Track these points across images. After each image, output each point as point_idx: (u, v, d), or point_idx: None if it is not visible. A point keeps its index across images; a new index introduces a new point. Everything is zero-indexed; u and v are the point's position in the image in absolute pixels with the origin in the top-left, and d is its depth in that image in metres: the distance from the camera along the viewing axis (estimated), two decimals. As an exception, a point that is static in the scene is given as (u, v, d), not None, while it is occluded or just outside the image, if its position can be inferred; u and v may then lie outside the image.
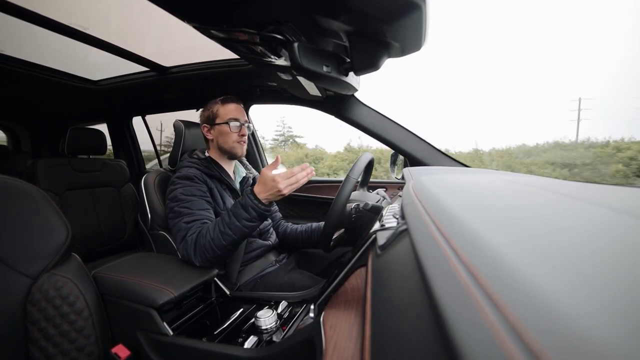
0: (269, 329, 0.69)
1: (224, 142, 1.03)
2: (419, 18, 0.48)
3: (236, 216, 0.81)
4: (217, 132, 1.03)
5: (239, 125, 1.02)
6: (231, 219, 0.81)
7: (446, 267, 0.17)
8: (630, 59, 16.42)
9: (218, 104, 1.03)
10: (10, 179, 0.61)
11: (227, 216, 0.82)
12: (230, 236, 0.80)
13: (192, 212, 0.89)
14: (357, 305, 0.40)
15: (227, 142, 1.02)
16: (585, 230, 0.20)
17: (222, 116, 1.02)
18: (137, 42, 1.18)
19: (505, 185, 0.42)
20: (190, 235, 0.85)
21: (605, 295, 0.12)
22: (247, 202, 0.80)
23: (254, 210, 0.80)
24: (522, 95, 11.22)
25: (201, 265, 0.83)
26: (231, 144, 1.02)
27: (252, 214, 0.80)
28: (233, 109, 1.03)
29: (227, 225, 0.80)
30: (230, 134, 1.01)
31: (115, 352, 0.66)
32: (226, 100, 1.04)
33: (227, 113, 1.02)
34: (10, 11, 0.91)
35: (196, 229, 0.86)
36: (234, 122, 1.01)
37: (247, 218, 0.80)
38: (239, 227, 0.80)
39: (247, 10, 0.55)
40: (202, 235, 0.83)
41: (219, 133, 1.02)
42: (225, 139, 1.02)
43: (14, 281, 0.55)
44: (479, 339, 0.12)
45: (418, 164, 1.16)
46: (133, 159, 2.14)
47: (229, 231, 0.80)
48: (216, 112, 1.02)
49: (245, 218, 0.80)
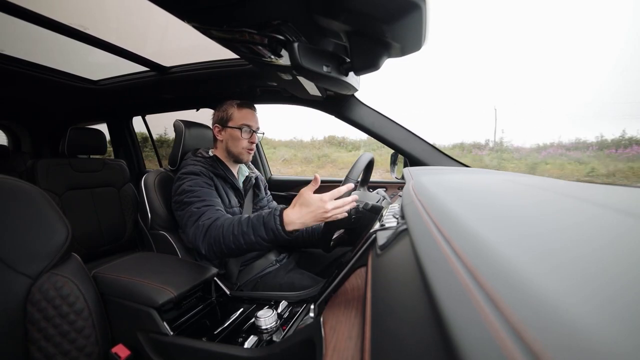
0: (269, 329, 0.69)
1: (233, 146, 1.03)
2: (419, 18, 0.48)
3: (254, 229, 0.76)
4: (228, 134, 1.03)
5: (251, 132, 1.02)
6: (248, 229, 0.77)
7: (446, 267, 0.17)
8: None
9: (234, 107, 1.03)
10: (11, 179, 0.61)
11: (245, 224, 0.78)
12: (240, 243, 0.77)
13: (203, 199, 0.89)
14: (357, 305, 0.40)
15: (236, 146, 1.02)
16: (585, 230, 0.20)
17: (236, 120, 1.01)
18: (137, 42, 1.18)
19: (505, 185, 0.42)
20: (203, 220, 0.83)
21: (605, 295, 0.12)
22: (271, 223, 0.74)
23: (273, 233, 0.74)
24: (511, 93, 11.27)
25: (205, 254, 0.82)
26: (240, 149, 1.03)
27: (270, 236, 0.75)
28: (248, 115, 1.03)
29: (242, 233, 0.77)
30: (241, 140, 1.02)
31: (115, 351, 0.66)
32: (242, 105, 1.04)
33: (241, 118, 1.02)
34: (10, 11, 0.91)
35: (211, 214, 0.84)
36: (246, 128, 1.01)
37: (264, 237, 0.76)
38: (251, 240, 0.76)
39: (247, 10, 0.55)
40: (215, 226, 0.81)
41: (230, 136, 1.02)
42: (235, 143, 1.02)
43: (13, 281, 0.55)
44: (479, 339, 0.12)
45: (418, 164, 1.16)
46: (133, 159, 2.14)
47: (241, 239, 0.77)
48: (231, 115, 1.02)
49: (261, 236, 0.76)
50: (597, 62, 8.14)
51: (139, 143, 2.21)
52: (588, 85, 7.86)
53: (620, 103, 6.01)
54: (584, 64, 8.20)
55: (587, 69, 8.15)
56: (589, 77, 7.97)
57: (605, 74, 8.13)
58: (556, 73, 8.35)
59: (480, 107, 8.16)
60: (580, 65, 8.24)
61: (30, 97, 1.73)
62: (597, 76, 7.84)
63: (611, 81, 7.41)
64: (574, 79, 8.28)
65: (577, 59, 8.10)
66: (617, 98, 6.42)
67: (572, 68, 8.20)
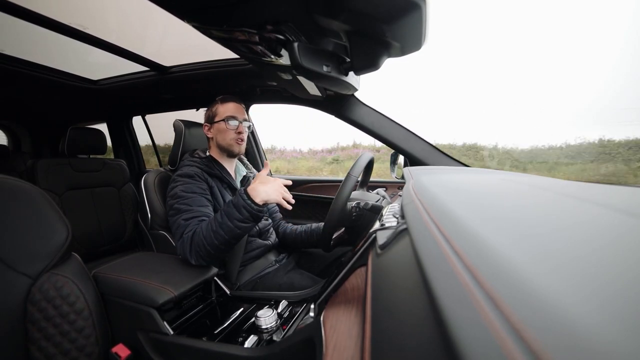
0: (269, 329, 0.69)
1: (221, 139, 1.04)
2: (418, 18, 0.48)
3: (228, 216, 0.79)
4: (215, 130, 1.04)
5: (237, 123, 1.02)
6: (223, 219, 0.79)
7: (446, 267, 0.17)
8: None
9: (218, 103, 1.05)
10: (11, 179, 0.61)
11: (219, 215, 0.80)
12: (222, 236, 0.78)
13: (191, 208, 0.89)
14: (357, 304, 0.40)
15: (224, 139, 1.03)
16: (585, 230, 0.20)
17: (221, 114, 1.03)
18: (137, 41, 1.18)
19: (506, 185, 0.42)
20: (186, 233, 0.84)
21: (605, 295, 0.12)
22: (240, 201, 0.78)
23: (246, 210, 0.78)
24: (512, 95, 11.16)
25: (197, 264, 0.82)
26: (228, 141, 1.03)
27: (245, 214, 0.78)
28: (231, 108, 1.04)
29: (220, 225, 0.79)
30: (227, 131, 1.02)
31: (116, 351, 0.66)
32: (225, 99, 1.05)
33: (225, 111, 1.03)
34: (10, 11, 0.91)
35: (193, 226, 0.85)
36: (232, 120, 1.02)
37: (239, 218, 0.78)
38: (230, 227, 0.78)
39: (247, 10, 0.55)
40: (197, 233, 0.82)
41: (218, 131, 1.04)
42: (222, 136, 1.03)
43: (14, 281, 0.55)
44: (479, 339, 0.12)
45: (418, 164, 1.17)
46: (133, 158, 2.14)
47: (220, 231, 0.78)
48: (215, 110, 1.04)
49: (237, 218, 0.78)
50: (597, 62, 8.13)
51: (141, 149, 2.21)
52: (588, 86, 7.85)
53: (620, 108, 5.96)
54: (584, 63, 8.19)
55: (587, 69, 8.15)
56: (588, 77, 7.97)
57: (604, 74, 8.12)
58: (556, 73, 8.34)
59: (480, 108, 8.12)
60: (580, 65, 8.23)
61: (30, 96, 1.73)
62: (596, 77, 7.84)
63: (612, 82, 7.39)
64: (574, 79, 8.27)
65: (577, 59, 8.09)
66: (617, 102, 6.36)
67: (572, 68, 8.19)
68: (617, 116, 5.30)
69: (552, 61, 7.98)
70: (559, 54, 8.07)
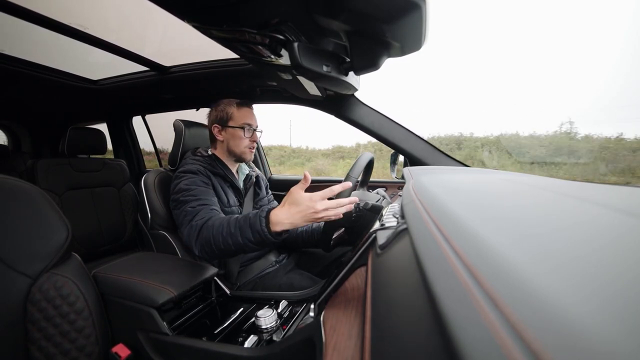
0: (269, 329, 0.69)
1: (235, 145, 1.03)
2: (418, 18, 0.48)
3: (240, 230, 0.75)
4: (229, 134, 1.03)
5: (252, 130, 1.02)
6: (235, 231, 0.75)
7: (446, 267, 0.17)
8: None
9: (233, 106, 1.03)
10: (11, 178, 0.61)
11: (233, 225, 0.76)
12: (229, 245, 0.77)
13: (199, 197, 0.89)
14: (357, 304, 0.40)
15: (238, 146, 1.03)
16: (585, 230, 0.20)
17: (237, 120, 1.02)
18: (137, 41, 1.18)
19: (505, 185, 0.42)
20: (196, 220, 0.83)
21: (605, 295, 0.12)
22: (256, 224, 0.72)
23: (259, 235, 0.72)
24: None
25: (199, 256, 0.82)
26: (242, 148, 1.03)
27: (257, 238, 0.73)
28: (248, 114, 1.03)
29: (230, 234, 0.76)
30: (243, 139, 1.02)
31: (116, 351, 0.66)
32: (242, 104, 1.04)
33: (242, 117, 1.02)
34: (10, 11, 0.91)
35: (204, 214, 0.84)
36: (248, 127, 1.01)
37: (250, 239, 0.74)
38: (239, 242, 0.75)
39: (247, 10, 0.55)
40: (207, 226, 0.80)
41: (231, 136, 1.03)
42: (237, 142, 1.02)
43: (14, 281, 0.55)
44: (479, 339, 0.12)
45: (418, 164, 1.16)
46: (133, 158, 2.14)
47: (229, 240, 0.76)
48: (231, 114, 1.02)
49: (248, 238, 0.74)
50: (596, 62, 8.10)
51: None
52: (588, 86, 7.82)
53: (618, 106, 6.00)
54: (584, 64, 8.15)
55: (586, 69, 8.11)
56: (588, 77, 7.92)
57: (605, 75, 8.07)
58: (556, 73, 8.30)
59: (478, 107, 8.13)
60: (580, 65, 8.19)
61: (31, 96, 1.73)
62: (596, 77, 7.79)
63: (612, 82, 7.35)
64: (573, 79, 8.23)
65: (577, 59, 8.06)
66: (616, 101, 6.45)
67: (572, 68, 8.15)
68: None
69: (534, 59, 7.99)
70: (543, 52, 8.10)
